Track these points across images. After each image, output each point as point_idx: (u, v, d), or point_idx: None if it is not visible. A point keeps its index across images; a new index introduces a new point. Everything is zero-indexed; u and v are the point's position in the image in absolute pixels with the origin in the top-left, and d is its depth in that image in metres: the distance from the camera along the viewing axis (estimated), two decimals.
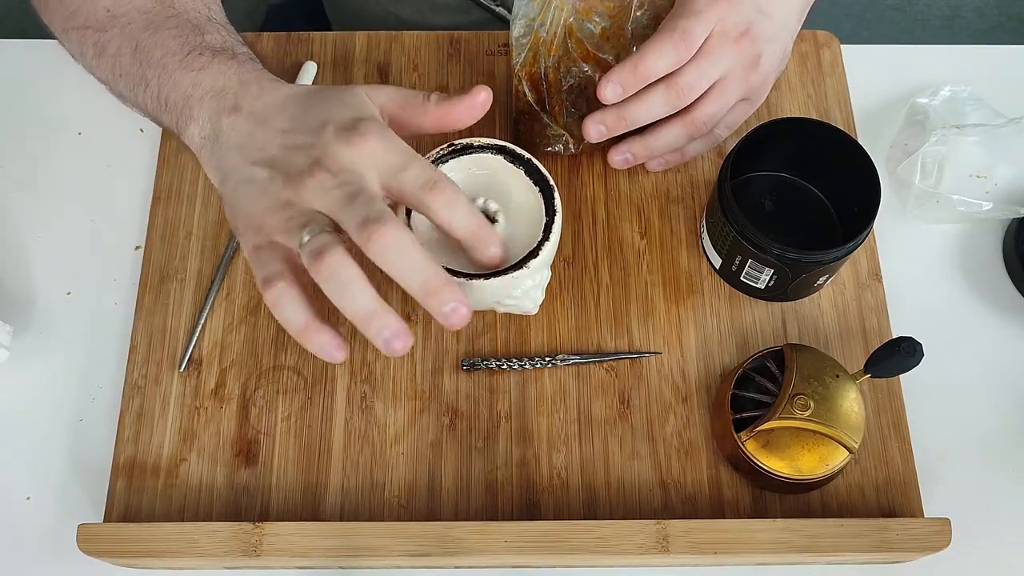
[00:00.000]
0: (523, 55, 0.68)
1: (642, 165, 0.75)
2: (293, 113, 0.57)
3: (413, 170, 0.54)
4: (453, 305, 0.51)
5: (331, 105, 0.56)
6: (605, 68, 0.67)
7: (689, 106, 0.67)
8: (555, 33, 0.68)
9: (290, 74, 0.78)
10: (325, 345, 0.53)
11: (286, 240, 0.54)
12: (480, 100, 0.58)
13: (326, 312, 0.53)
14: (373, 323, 0.51)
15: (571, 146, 0.72)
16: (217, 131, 0.58)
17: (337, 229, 0.53)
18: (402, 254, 0.51)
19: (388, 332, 0.51)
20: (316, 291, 0.53)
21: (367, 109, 0.56)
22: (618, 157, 0.72)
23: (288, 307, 0.53)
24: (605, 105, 0.67)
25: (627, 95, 0.66)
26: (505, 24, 0.68)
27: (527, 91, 0.70)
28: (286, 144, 0.55)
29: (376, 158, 0.54)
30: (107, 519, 0.64)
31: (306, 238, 0.52)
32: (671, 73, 0.65)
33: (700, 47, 0.65)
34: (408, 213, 0.63)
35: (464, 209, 0.55)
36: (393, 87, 0.59)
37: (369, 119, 0.55)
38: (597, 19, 0.68)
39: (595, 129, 0.68)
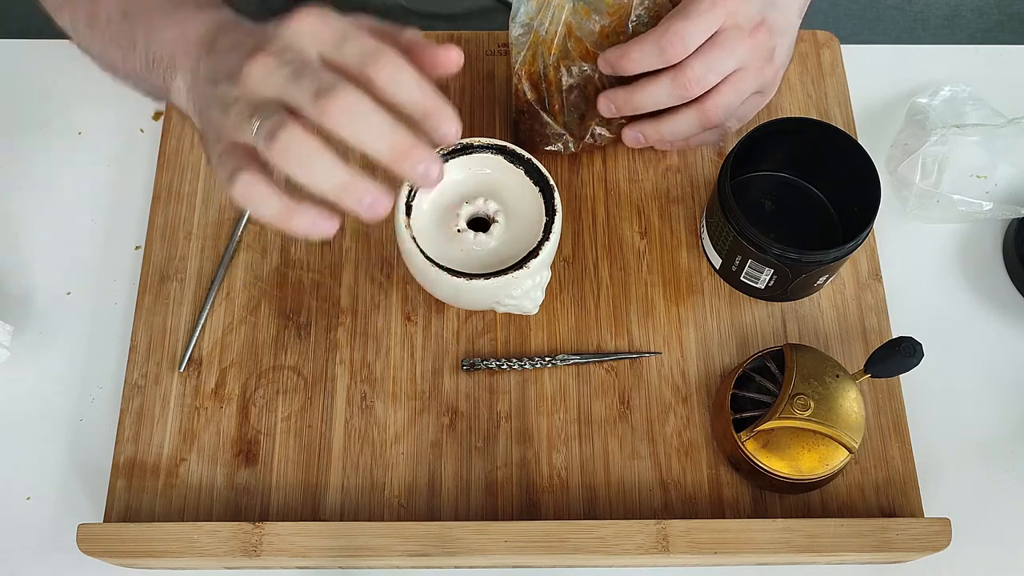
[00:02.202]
0: (522, 54, 0.68)
1: (640, 164, 0.75)
2: (256, 33, 0.54)
3: (352, 42, 0.50)
4: (425, 164, 0.49)
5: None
6: None
7: (704, 96, 0.67)
8: (554, 32, 0.68)
9: None
10: (314, 221, 0.50)
11: (241, 136, 0.51)
12: (453, 57, 0.54)
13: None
14: (349, 193, 0.49)
15: (571, 145, 0.72)
16: (196, 73, 0.57)
17: (292, 114, 0.49)
18: (364, 118, 0.48)
19: (368, 198, 0.49)
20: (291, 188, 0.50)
21: None
22: (630, 135, 0.71)
23: (258, 196, 0.50)
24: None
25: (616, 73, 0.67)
26: (510, 10, 0.68)
27: (527, 90, 0.70)
28: (241, 51, 0.52)
29: (314, 33, 0.50)
30: (107, 519, 0.64)
31: (256, 124, 0.49)
32: (680, 64, 0.65)
33: (712, 40, 0.65)
34: (410, 201, 0.63)
35: (409, 78, 0.50)
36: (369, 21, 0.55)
37: (309, 6, 0.52)
38: (596, 18, 0.68)
39: (606, 107, 0.69)
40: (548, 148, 0.73)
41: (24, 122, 0.79)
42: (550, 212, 0.64)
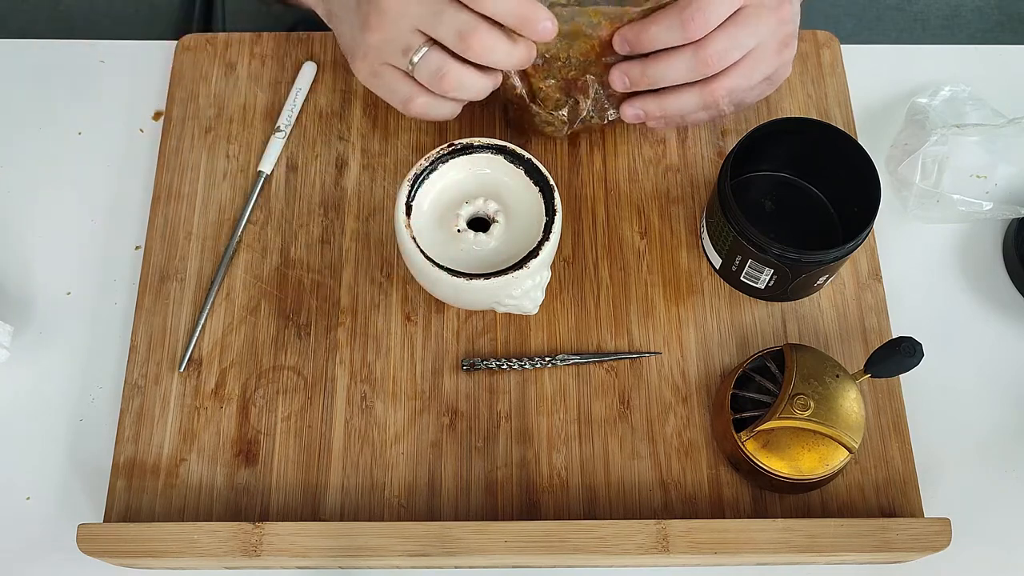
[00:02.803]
0: None
1: (640, 164, 0.75)
2: None
3: None
4: (545, 21, 0.62)
5: None
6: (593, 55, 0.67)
7: (712, 75, 0.66)
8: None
9: (290, 74, 0.78)
10: (473, 87, 0.66)
11: (394, 62, 0.65)
12: (549, 28, 0.63)
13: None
14: (498, 77, 0.67)
15: (564, 130, 0.72)
16: None
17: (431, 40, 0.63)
18: (494, 47, 0.62)
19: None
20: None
21: None
22: (630, 111, 0.70)
23: (434, 109, 0.67)
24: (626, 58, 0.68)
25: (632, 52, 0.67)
26: None
27: (516, 83, 0.69)
28: None
29: None
30: (107, 519, 0.64)
31: (415, 60, 0.64)
32: (702, 40, 0.64)
33: (736, 15, 0.64)
34: (410, 200, 0.63)
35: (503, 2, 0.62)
36: None
37: None
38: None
39: (620, 80, 0.68)
40: (543, 129, 0.72)
41: (24, 122, 0.79)
42: (550, 212, 0.64)
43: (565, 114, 0.71)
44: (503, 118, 0.76)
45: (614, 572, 0.66)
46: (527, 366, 0.68)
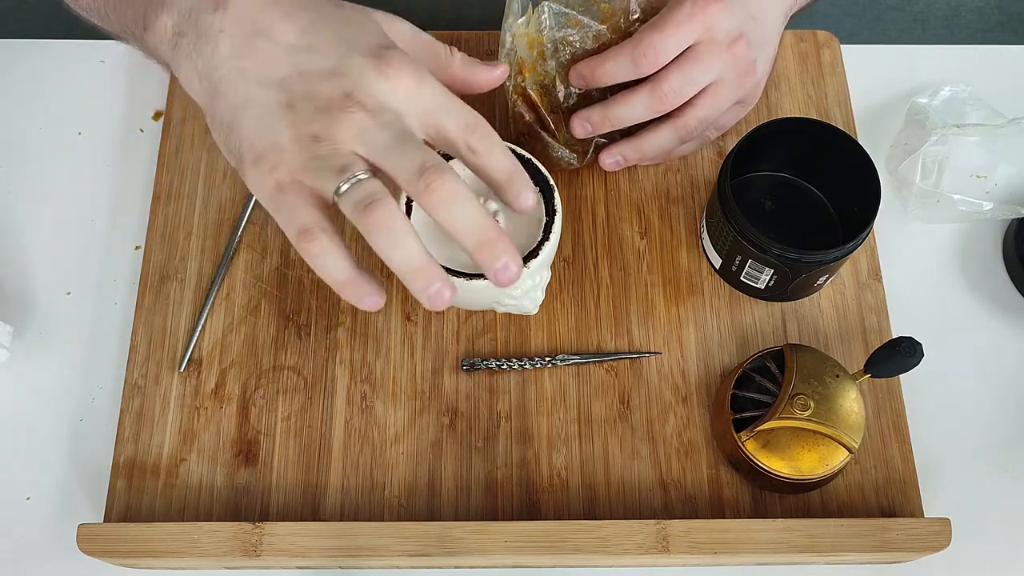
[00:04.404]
0: (514, 76, 0.68)
1: (640, 166, 0.75)
2: (302, 26, 0.52)
3: (456, 111, 0.51)
4: (505, 260, 0.50)
5: (348, 28, 0.52)
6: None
7: (681, 109, 0.67)
8: (535, 56, 0.67)
9: None
10: (368, 295, 0.50)
11: (315, 182, 0.50)
12: (497, 75, 0.57)
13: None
14: (421, 277, 0.49)
15: (574, 161, 0.72)
16: (199, 29, 0.52)
17: (374, 171, 0.50)
18: (461, 206, 0.49)
19: (436, 284, 0.49)
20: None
21: (388, 39, 0.52)
22: (609, 160, 0.71)
23: (331, 260, 0.50)
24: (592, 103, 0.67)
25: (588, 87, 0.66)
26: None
27: (524, 112, 0.70)
28: (303, 67, 0.51)
29: (413, 96, 0.50)
30: (107, 519, 0.64)
31: (345, 186, 0.49)
32: (656, 78, 0.65)
33: (688, 52, 0.64)
34: (408, 204, 0.63)
35: (500, 149, 0.52)
36: (410, 25, 0.55)
37: (396, 49, 0.51)
38: (590, 27, 0.67)
39: (581, 126, 0.68)
40: (555, 158, 0.72)
41: (24, 122, 0.79)
42: (550, 212, 0.64)
43: (577, 144, 0.71)
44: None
45: (614, 572, 0.66)
46: (527, 366, 0.68)
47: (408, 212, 0.63)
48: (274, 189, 0.50)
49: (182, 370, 0.68)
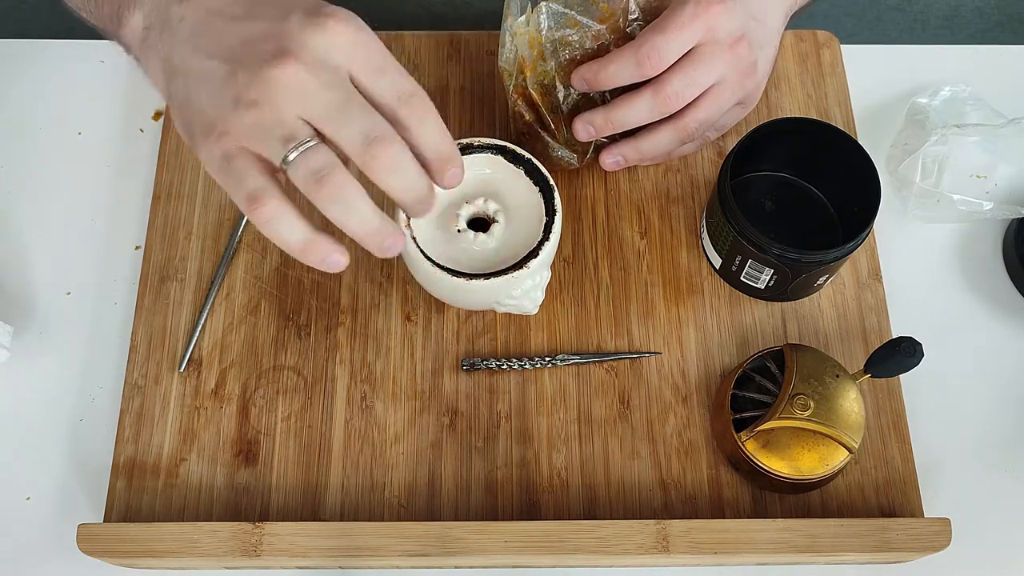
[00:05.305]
0: (514, 77, 0.68)
1: (640, 166, 0.75)
2: (250, 5, 0.52)
3: (389, 76, 0.50)
4: (429, 205, 0.52)
5: (291, 3, 0.51)
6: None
7: (682, 111, 0.67)
8: (535, 56, 0.67)
9: None
10: (329, 255, 0.50)
11: (261, 149, 0.49)
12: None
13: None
14: (375, 237, 0.50)
15: (574, 161, 0.72)
16: (165, 19, 0.52)
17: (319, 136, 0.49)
18: (403, 170, 0.50)
19: (390, 240, 0.50)
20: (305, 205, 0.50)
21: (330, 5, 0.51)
22: (609, 160, 0.71)
23: (285, 224, 0.49)
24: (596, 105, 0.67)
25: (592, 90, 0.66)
26: None
27: (524, 112, 0.70)
28: (245, 34, 0.50)
29: (349, 50, 0.49)
30: (107, 519, 0.64)
31: (293, 155, 0.48)
32: (659, 80, 0.65)
33: (691, 54, 0.64)
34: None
35: (436, 124, 0.52)
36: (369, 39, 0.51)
37: (336, 7, 0.50)
38: (588, 27, 0.67)
39: (584, 129, 0.68)
40: (555, 157, 0.72)
41: (24, 122, 0.79)
42: (550, 212, 0.64)
43: (577, 144, 0.71)
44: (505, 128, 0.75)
45: (614, 572, 0.66)
46: (527, 366, 0.68)
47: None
48: (222, 159, 0.50)
49: (182, 370, 0.68)
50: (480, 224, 0.66)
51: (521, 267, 0.62)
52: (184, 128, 0.52)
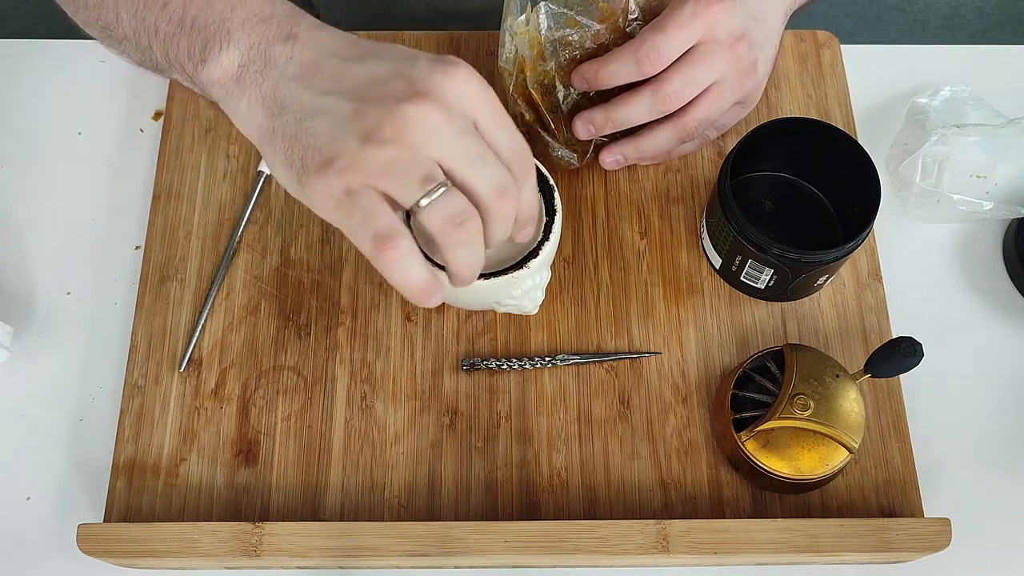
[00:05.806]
0: (514, 76, 0.68)
1: (640, 166, 0.75)
2: (367, 47, 0.52)
3: (508, 130, 0.52)
4: (530, 231, 0.56)
5: (410, 50, 0.52)
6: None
7: (682, 110, 0.67)
8: (535, 56, 0.67)
9: None
10: (438, 290, 0.51)
11: (392, 188, 0.48)
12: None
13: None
14: (468, 282, 0.53)
15: (574, 160, 0.72)
16: (268, 58, 0.51)
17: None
18: (510, 224, 0.52)
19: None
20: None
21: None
22: (609, 159, 0.72)
23: (413, 266, 0.49)
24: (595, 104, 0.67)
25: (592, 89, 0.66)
26: None
27: (524, 111, 0.70)
28: (371, 73, 0.50)
29: (475, 99, 0.50)
30: (107, 519, 0.64)
31: (429, 199, 0.48)
32: (659, 79, 0.65)
33: (690, 53, 0.64)
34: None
35: (534, 185, 0.54)
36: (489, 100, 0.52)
37: (459, 59, 0.51)
38: (588, 27, 0.67)
39: (584, 128, 0.68)
40: (556, 157, 0.72)
41: (24, 122, 0.79)
42: (550, 212, 0.64)
43: (577, 144, 0.71)
44: None
45: (614, 572, 0.66)
46: (527, 366, 0.68)
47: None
48: (343, 194, 0.48)
49: (182, 370, 0.68)
50: None
51: (521, 267, 0.62)
52: (289, 164, 0.50)
